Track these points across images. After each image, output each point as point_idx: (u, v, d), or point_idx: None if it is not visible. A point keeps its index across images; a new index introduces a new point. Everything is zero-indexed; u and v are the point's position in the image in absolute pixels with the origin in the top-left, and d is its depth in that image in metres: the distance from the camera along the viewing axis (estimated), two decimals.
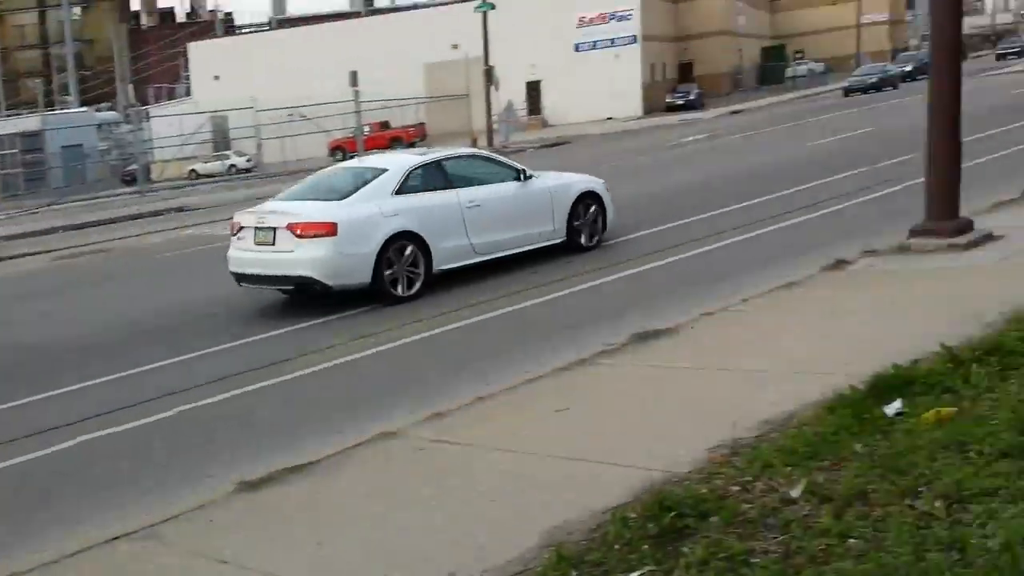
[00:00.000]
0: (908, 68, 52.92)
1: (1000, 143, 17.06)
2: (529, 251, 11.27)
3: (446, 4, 56.03)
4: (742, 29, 71.92)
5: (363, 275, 9.75)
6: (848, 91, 47.84)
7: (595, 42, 54.45)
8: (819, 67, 68.82)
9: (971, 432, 4.07)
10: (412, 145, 44.05)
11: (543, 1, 52.63)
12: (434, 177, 10.76)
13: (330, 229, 9.66)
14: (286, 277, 10.03)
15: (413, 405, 6.42)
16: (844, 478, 3.91)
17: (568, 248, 11.63)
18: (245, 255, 10.26)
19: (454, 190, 10.68)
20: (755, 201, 14.09)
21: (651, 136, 37.30)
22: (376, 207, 10.02)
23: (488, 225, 10.78)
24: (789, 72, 66.86)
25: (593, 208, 11.90)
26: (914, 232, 8.97)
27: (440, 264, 10.32)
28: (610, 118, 50.41)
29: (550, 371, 6.60)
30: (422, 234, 10.12)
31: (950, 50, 8.84)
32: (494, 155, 13.72)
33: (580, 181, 12.21)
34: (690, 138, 32.19)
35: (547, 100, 54.71)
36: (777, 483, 3.99)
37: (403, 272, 9.99)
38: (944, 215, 8.83)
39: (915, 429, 4.32)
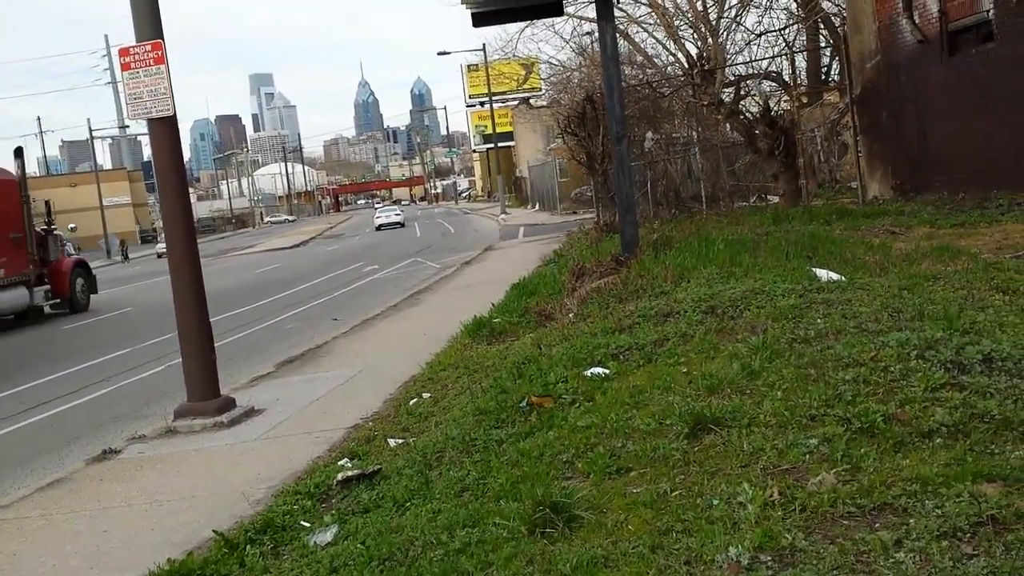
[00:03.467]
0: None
1: (252, 318, 18.49)
2: None
3: None
4: None
5: (403, 221, 65.36)
6: None
7: None
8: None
9: None
10: None
11: None
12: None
13: (401, 213, 70.00)
14: (396, 224, 63.22)
15: None
16: None
17: None
18: (383, 220, 64.38)
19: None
20: (9, 391, 12.91)
21: None
22: (402, 210, 76.51)
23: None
24: None
25: None
26: (179, 413, 9.07)
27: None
28: None
29: None
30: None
31: (185, 237, 9.24)
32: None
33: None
34: None
35: None
36: None
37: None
38: (205, 394, 9.11)
39: None
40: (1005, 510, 3.63)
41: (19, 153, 25.03)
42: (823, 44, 31.39)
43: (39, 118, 77.75)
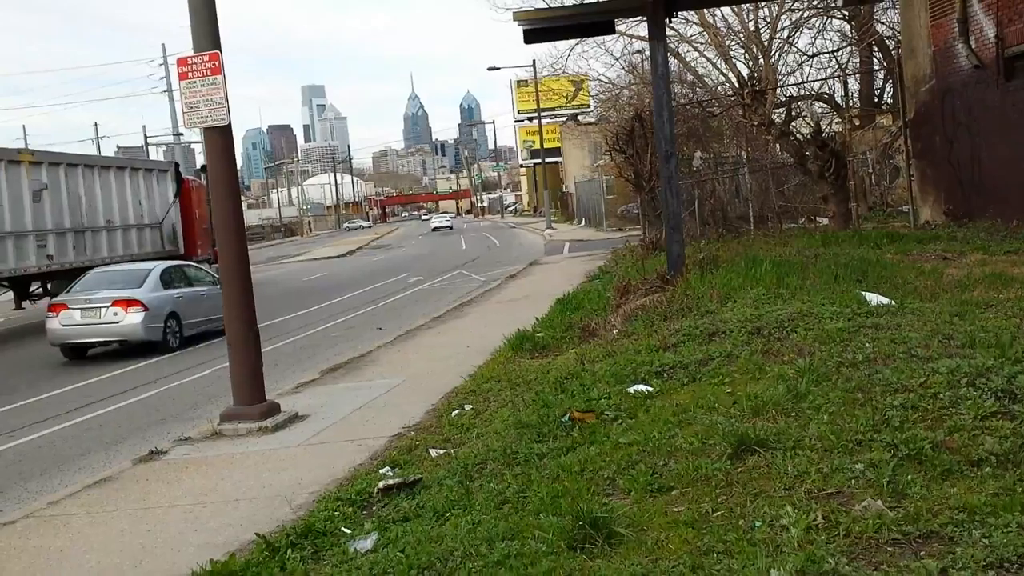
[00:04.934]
0: None
1: (298, 325, 18.69)
2: None
3: None
4: None
5: (452, 225, 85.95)
6: None
7: None
8: None
9: None
10: None
11: None
12: None
13: (451, 220, 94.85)
14: (447, 227, 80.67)
15: None
16: None
17: None
18: (437, 224, 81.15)
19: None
20: (60, 391, 13.19)
21: None
22: (451, 218, 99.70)
23: None
24: None
25: None
26: (225, 417, 9.20)
27: None
28: None
29: None
30: None
31: (236, 244, 9.37)
32: None
33: None
34: None
35: None
36: None
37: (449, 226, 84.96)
38: (251, 399, 9.23)
39: None
40: None
41: (204, 169, 34.28)
42: (876, 67, 31.09)
43: (96, 124, 79.23)
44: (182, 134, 70.97)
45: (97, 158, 28.20)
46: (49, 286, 23.42)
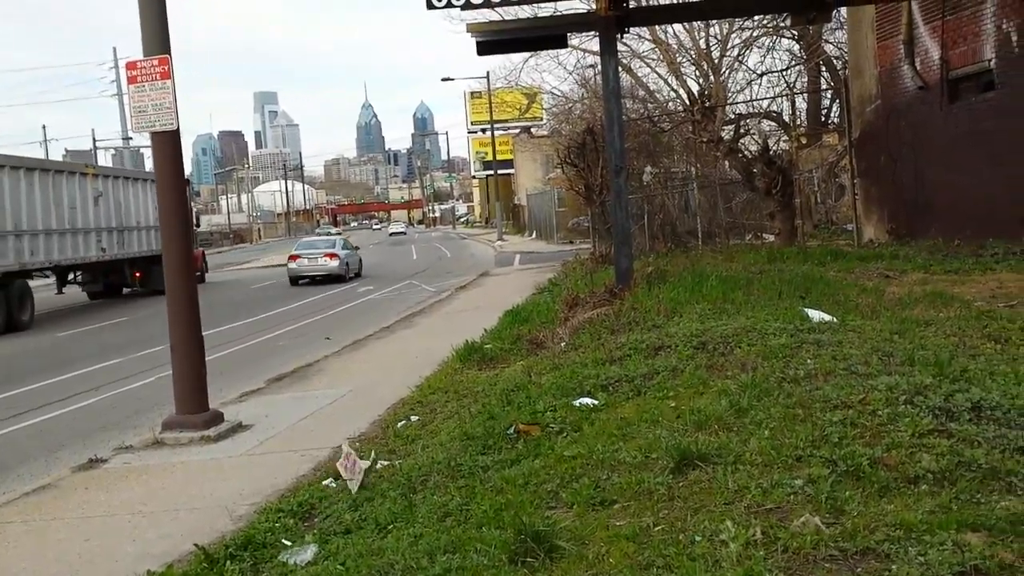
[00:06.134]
0: None
1: (244, 333, 18.45)
2: None
3: None
4: None
5: (406, 231, 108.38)
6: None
7: None
8: None
9: None
10: None
11: None
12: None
13: (406, 227, 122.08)
14: (402, 232, 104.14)
15: None
16: None
17: None
18: (394, 230, 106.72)
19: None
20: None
21: None
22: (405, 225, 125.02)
23: None
24: None
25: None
26: (167, 425, 9.05)
27: None
28: None
29: None
30: None
31: (181, 251, 9.27)
32: None
33: None
34: None
35: None
36: None
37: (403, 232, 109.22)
38: (194, 407, 9.09)
39: None
40: (988, 560, 3.62)
41: (188, 182, 40.59)
42: (824, 86, 31.69)
43: (44, 127, 77.63)
44: (131, 138, 69.91)
45: (132, 171, 34.62)
46: (80, 276, 29.22)
